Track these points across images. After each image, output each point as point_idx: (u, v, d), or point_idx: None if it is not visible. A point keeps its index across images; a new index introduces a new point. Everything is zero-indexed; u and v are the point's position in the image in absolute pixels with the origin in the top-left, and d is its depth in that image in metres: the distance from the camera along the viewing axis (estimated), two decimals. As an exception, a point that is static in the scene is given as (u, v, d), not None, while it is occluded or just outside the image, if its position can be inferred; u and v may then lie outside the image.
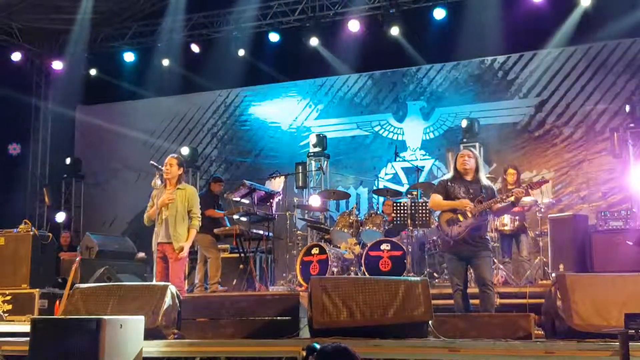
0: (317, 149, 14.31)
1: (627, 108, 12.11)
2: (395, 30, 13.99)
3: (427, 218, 10.26)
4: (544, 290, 7.71)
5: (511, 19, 13.05)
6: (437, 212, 8.16)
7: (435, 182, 10.35)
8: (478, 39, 13.57)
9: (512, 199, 7.13)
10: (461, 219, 7.09)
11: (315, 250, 10.64)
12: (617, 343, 5.24)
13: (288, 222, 12.29)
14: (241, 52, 15.20)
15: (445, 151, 13.61)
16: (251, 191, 10.82)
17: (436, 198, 7.33)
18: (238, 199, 11.07)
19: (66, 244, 13.54)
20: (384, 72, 14.98)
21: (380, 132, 14.78)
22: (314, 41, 14.58)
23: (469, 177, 7.30)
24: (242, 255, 10.91)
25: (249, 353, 6.47)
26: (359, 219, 11.13)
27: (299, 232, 12.59)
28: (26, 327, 6.76)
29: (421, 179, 12.17)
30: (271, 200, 11.10)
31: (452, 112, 14.24)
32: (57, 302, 9.41)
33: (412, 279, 7.11)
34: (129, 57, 16.09)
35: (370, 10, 14.44)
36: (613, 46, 13.17)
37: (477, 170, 7.33)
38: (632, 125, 11.99)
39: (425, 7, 13.99)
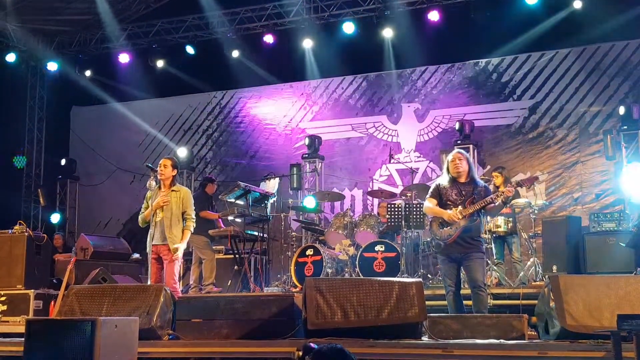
0: (311, 151, 14.34)
1: (621, 110, 12.15)
2: (389, 32, 14.02)
3: (421, 219, 10.30)
4: (537, 292, 7.75)
5: (505, 21, 13.10)
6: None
7: (430, 184, 10.41)
8: (472, 41, 13.64)
9: (501, 198, 7.18)
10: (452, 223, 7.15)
11: (309, 252, 10.68)
12: (610, 344, 5.29)
13: (283, 223, 12.30)
14: (236, 54, 15.21)
15: (440, 153, 13.65)
16: (246, 192, 10.84)
17: (429, 203, 7.38)
18: (233, 200, 11.09)
19: (59, 244, 13.52)
20: (378, 74, 15.00)
21: (375, 134, 14.81)
22: (307, 43, 14.59)
23: (462, 179, 7.34)
24: (237, 256, 10.94)
25: (244, 354, 6.50)
26: (354, 220, 11.18)
27: (293, 233, 12.59)
28: (21, 328, 6.77)
29: (415, 181, 12.17)
30: (266, 202, 11.12)
31: (446, 114, 14.27)
32: (52, 303, 9.42)
33: (406, 280, 7.15)
34: (123, 58, 16.07)
35: (365, 12, 14.45)
36: (607, 48, 13.21)
37: (469, 171, 7.36)
38: (625, 127, 12.05)
39: (420, 9, 13.99)
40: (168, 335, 6.84)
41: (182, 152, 15.05)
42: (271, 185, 12.25)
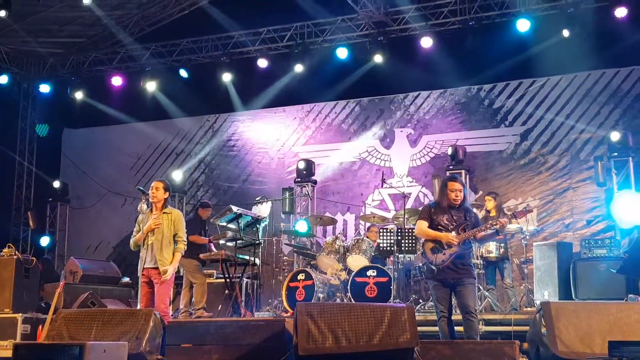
0: (304, 175, 14.33)
1: (613, 136, 12.22)
2: (383, 58, 14.07)
3: (413, 244, 10.28)
4: (529, 318, 7.74)
5: (497, 48, 13.17)
6: (422, 239, 8.16)
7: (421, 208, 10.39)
8: (464, 67, 13.69)
9: (496, 227, 7.17)
10: (445, 247, 7.11)
11: (301, 276, 10.64)
12: (601, 371, 5.27)
13: (274, 247, 12.27)
14: (229, 77, 15.22)
15: (432, 178, 13.67)
16: (238, 216, 10.81)
17: (422, 225, 7.34)
18: (224, 224, 11.05)
19: None
20: (371, 99, 15.06)
21: (368, 158, 14.83)
22: (299, 67, 14.59)
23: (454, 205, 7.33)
24: (228, 280, 10.87)
25: (234, 379, 6.45)
26: (346, 245, 11.15)
27: (285, 257, 12.56)
28: (8, 353, 6.70)
29: (408, 206, 12.19)
30: (257, 226, 11.08)
31: (438, 140, 14.31)
32: (40, 327, 9.34)
33: (398, 305, 7.12)
34: (116, 81, 16.08)
35: (359, 38, 14.54)
36: (597, 76, 13.29)
37: (464, 199, 7.35)
38: (615, 154, 12.10)
39: (413, 35, 14.10)
40: (157, 360, 6.77)
41: (177, 176, 15.05)
42: (263, 209, 12.22)
